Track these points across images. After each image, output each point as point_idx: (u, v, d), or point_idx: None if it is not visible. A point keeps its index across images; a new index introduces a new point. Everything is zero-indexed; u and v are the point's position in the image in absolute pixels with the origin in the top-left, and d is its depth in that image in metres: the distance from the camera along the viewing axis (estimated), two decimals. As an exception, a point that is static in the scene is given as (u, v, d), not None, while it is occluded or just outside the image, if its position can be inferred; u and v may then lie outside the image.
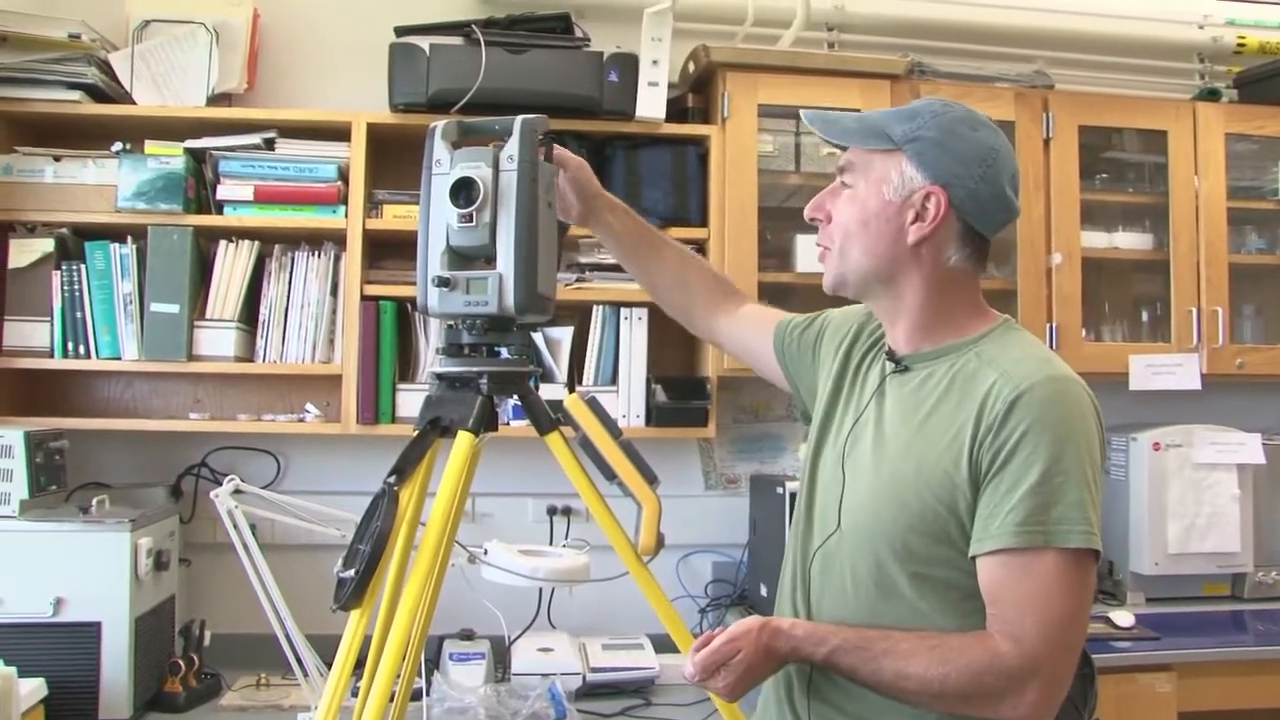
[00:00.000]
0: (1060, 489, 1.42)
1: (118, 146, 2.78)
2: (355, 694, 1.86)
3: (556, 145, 1.86)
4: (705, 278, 2.07)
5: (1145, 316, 3.40)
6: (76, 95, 2.77)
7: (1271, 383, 3.47)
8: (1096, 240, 3.25)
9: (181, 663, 2.59)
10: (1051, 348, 3.07)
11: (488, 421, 1.82)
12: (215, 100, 2.88)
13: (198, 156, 2.85)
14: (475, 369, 1.81)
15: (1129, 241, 3.32)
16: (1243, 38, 3.57)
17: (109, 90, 2.82)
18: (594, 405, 1.81)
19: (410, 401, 2.83)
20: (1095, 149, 3.31)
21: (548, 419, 1.82)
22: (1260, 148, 3.39)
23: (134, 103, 2.81)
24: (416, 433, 1.79)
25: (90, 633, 2.41)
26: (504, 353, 1.84)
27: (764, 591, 2.88)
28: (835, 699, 1.57)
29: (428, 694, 2.53)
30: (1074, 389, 1.49)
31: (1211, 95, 3.44)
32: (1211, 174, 3.24)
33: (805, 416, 1.87)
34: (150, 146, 2.81)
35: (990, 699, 1.43)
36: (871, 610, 1.54)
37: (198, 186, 2.85)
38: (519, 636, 2.90)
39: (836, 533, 1.59)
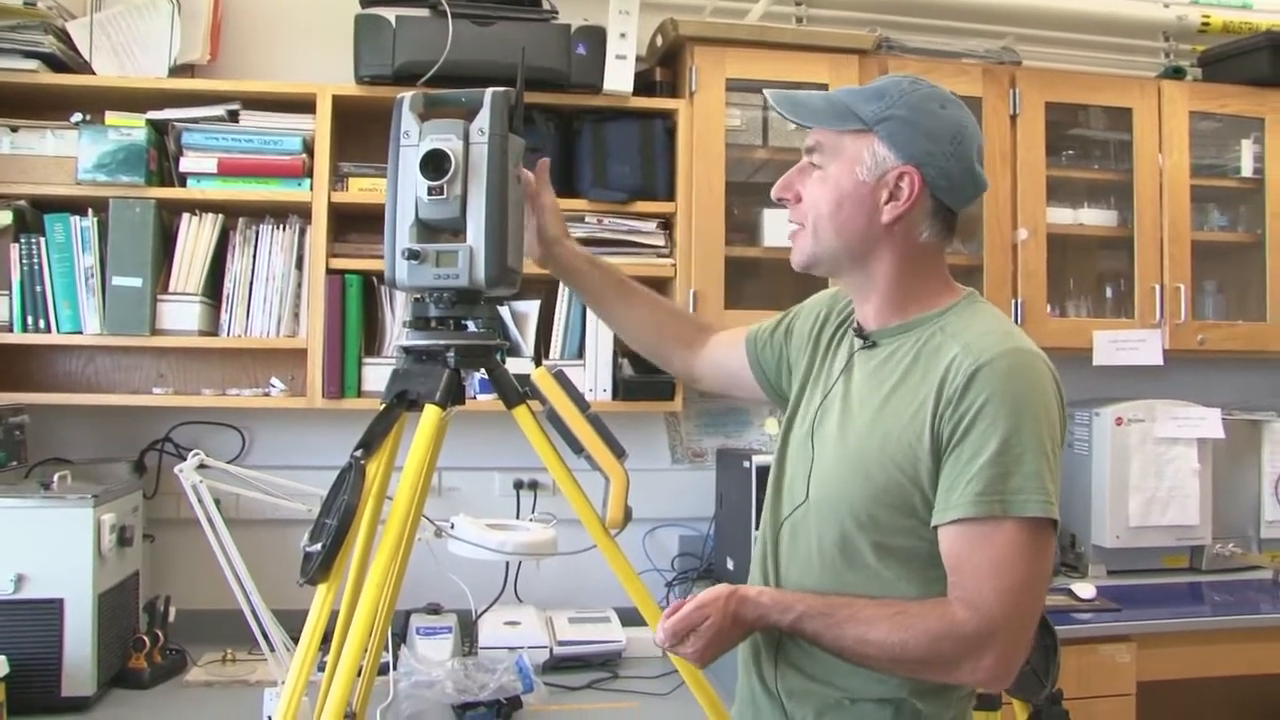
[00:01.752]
0: (1019, 459, 1.44)
1: (77, 117, 2.74)
2: (322, 669, 1.86)
3: (526, 172, 1.87)
4: (676, 319, 2.08)
5: (1109, 292, 3.43)
6: (33, 65, 2.72)
7: (1231, 358, 3.51)
8: (1062, 216, 3.27)
9: (146, 639, 2.57)
10: (1016, 323, 3.06)
11: (455, 395, 1.82)
12: (177, 71, 2.84)
13: (160, 128, 2.81)
14: (443, 342, 1.81)
15: (1094, 218, 3.34)
16: (1207, 17, 3.59)
17: (67, 60, 2.77)
18: (561, 379, 1.81)
19: (376, 375, 2.82)
20: (1061, 126, 3.32)
21: (515, 392, 1.82)
22: (1223, 126, 3.42)
23: (93, 73, 2.77)
24: (383, 406, 1.79)
25: (52, 610, 2.38)
26: (471, 326, 1.84)
27: (730, 565, 2.89)
28: (802, 664, 1.59)
29: (394, 668, 2.53)
30: (1034, 361, 1.50)
31: (1176, 73, 3.46)
32: (1175, 152, 3.26)
33: (780, 401, 1.89)
34: (111, 118, 2.76)
35: (948, 664, 1.46)
36: (837, 579, 1.56)
37: (160, 159, 2.82)
38: (486, 610, 2.90)
39: (804, 504, 1.62)
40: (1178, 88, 3.33)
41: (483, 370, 1.86)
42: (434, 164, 1.77)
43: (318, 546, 1.69)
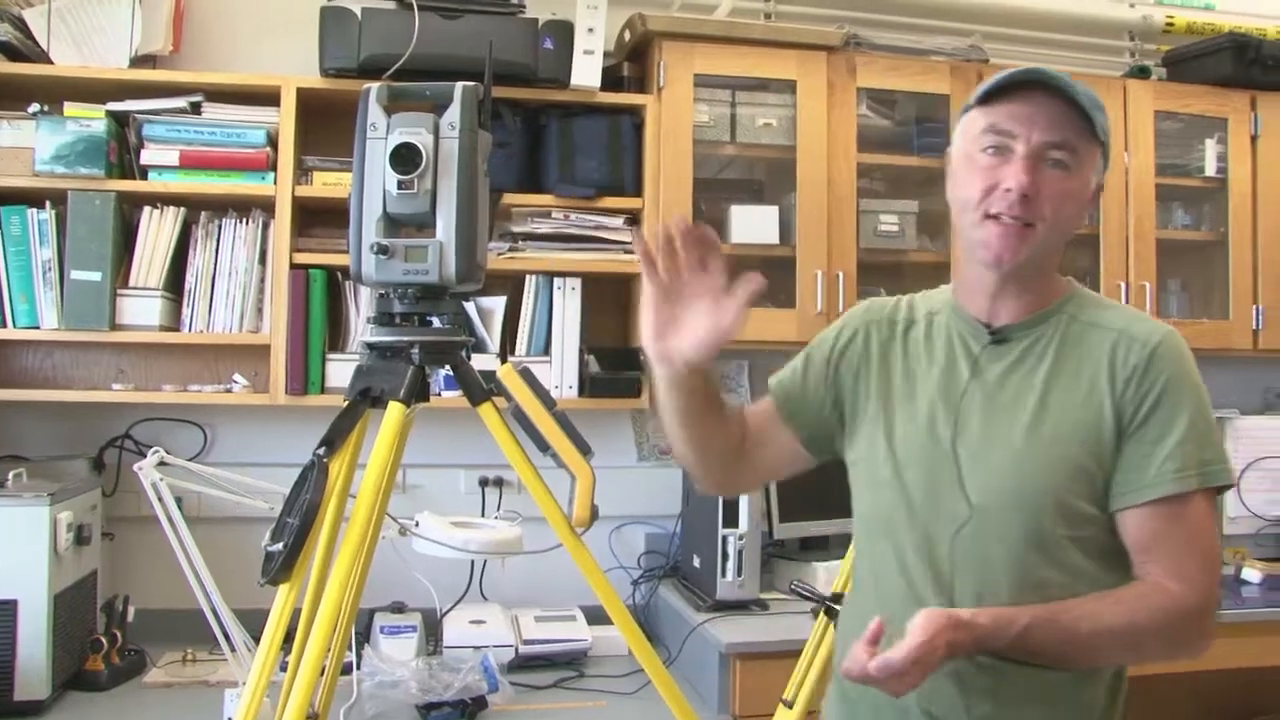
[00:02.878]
0: (1205, 434, 1.50)
1: (34, 108, 2.69)
2: (284, 669, 1.84)
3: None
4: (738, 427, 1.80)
5: (1075, 289, 3.44)
6: (-11, 53, 2.68)
7: (1195, 356, 3.51)
8: (1029, 214, 3.27)
9: (104, 640, 2.53)
10: (983, 321, 3.10)
11: (419, 392, 1.80)
12: (139, 62, 2.79)
13: (120, 120, 2.77)
14: (407, 338, 1.79)
15: (1060, 215, 3.35)
16: (1171, 17, 3.62)
17: (24, 49, 2.72)
18: (527, 376, 1.80)
19: (340, 372, 2.79)
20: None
21: (480, 389, 1.80)
22: (1187, 125, 3.44)
23: (51, 62, 2.72)
24: (347, 403, 1.77)
25: (6, 611, 2.33)
26: (436, 322, 1.82)
27: (696, 563, 2.88)
28: (997, 690, 1.52)
29: (358, 668, 2.50)
30: (1183, 340, 1.57)
31: (1141, 73, 3.47)
32: (1141, 151, 3.28)
33: (828, 453, 1.76)
34: (70, 109, 2.71)
35: (1176, 643, 1.48)
36: (1034, 579, 1.50)
37: (120, 151, 2.77)
38: (451, 609, 2.88)
39: (971, 515, 1.53)
40: (1143, 87, 3.34)
41: (448, 367, 1.84)
42: (405, 158, 1.76)
43: (279, 546, 1.68)
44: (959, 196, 1.58)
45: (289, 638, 1.81)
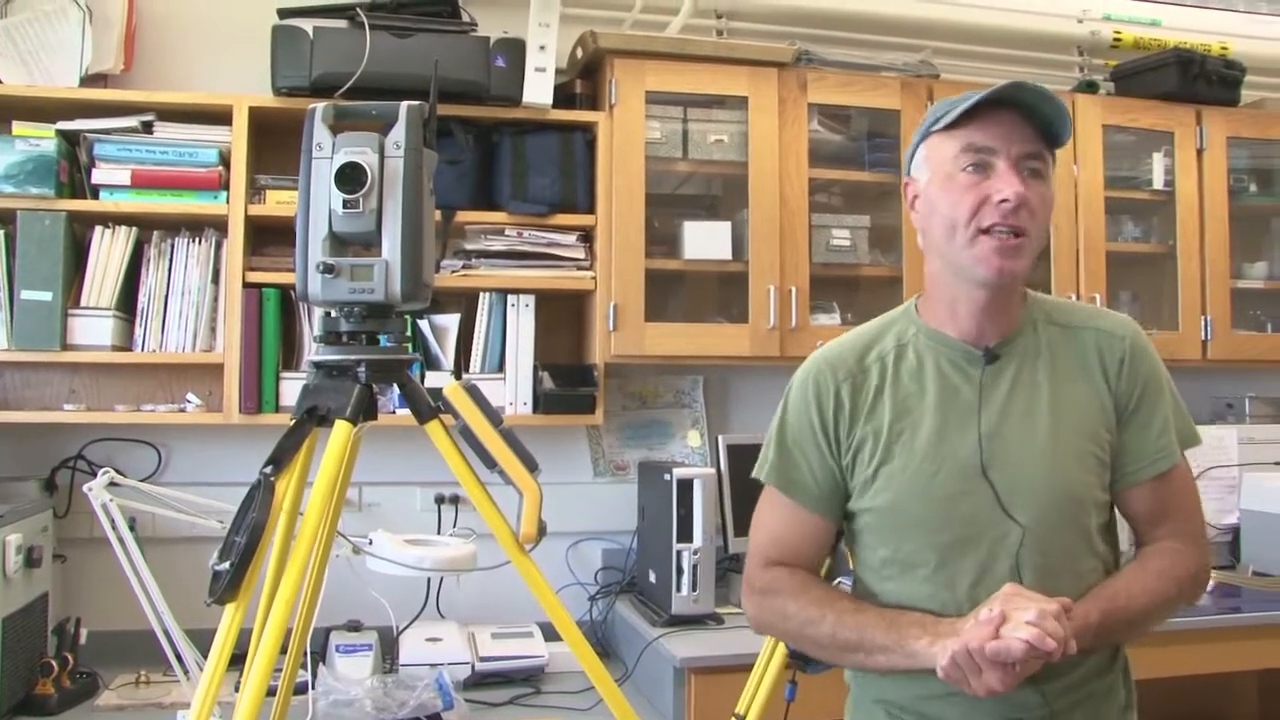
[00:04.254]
0: (1178, 405, 1.67)
1: (-17, 127, 2.68)
2: (239, 689, 1.83)
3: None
4: None
5: (1026, 303, 3.47)
6: (-65, 72, 2.66)
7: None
8: (979, 228, 3.31)
9: (54, 663, 2.50)
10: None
11: (367, 410, 1.81)
12: (90, 81, 2.78)
13: (71, 139, 2.76)
14: (354, 357, 1.80)
15: (1011, 229, 3.38)
16: (1119, 33, 3.68)
17: (-28, 68, 2.71)
18: (474, 393, 1.80)
19: (294, 390, 2.74)
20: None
21: (428, 407, 1.81)
22: (1136, 139, 3.49)
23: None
24: (293, 422, 1.77)
25: (-45, 634, 2.32)
26: (383, 340, 1.83)
27: (652, 578, 2.89)
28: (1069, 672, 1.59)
29: (313, 687, 2.49)
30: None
31: (1090, 87, 3.53)
32: (1090, 164, 3.33)
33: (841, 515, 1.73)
34: (19, 127, 2.69)
35: (1190, 596, 1.65)
36: (1081, 571, 1.59)
37: (71, 170, 2.76)
38: (407, 627, 2.87)
39: (1021, 531, 1.56)
40: (1091, 101, 3.39)
41: (395, 385, 1.84)
42: (350, 177, 1.77)
43: (226, 565, 1.68)
44: (943, 218, 1.58)
45: (241, 658, 1.81)
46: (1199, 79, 3.43)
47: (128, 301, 2.78)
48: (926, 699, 1.60)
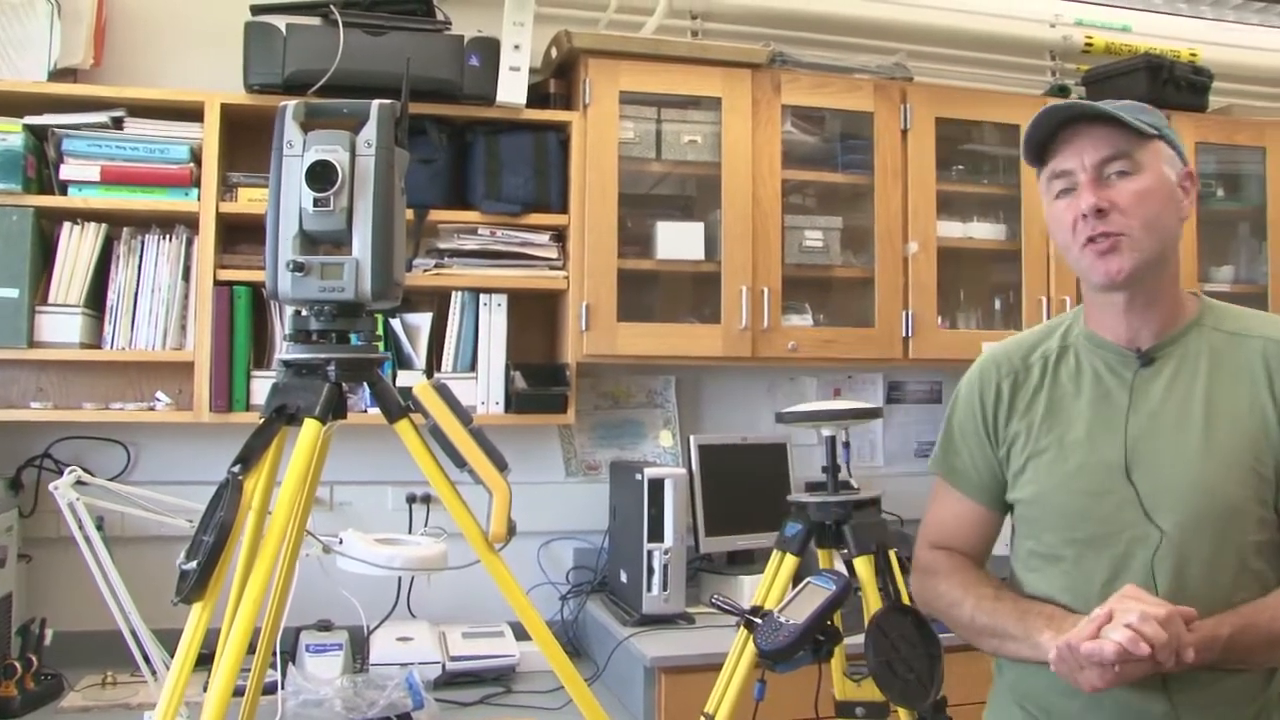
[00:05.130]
0: None
1: (-51, 122, 2.65)
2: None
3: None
4: None
5: (998, 304, 3.50)
6: (-100, 66, 2.63)
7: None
8: (952, 230, 3.33)
9: (18, 664, 2.47)
10: (907, 334, 3.15)
11: (336, 409, 1.80)
12: (58, 75, 2.76)
13: (39, 134, 2.73)
14: (323, 355, 1.79)
15: (983, 232, 3.41)
16: (1090, 37, 3.72)
17: (-62, 62, 2.68)
18: (444, 392, 1.80)
19: (265, 389, 2.72)
20: (952, 141, 3.39)
21: (397, 406, 1.80)
22: (1106, 143, 3.51)
23: (-35, 76, 2.69)
24: (262, 420, 1.76)
25: (-84, 634, 2.30)
26: (354, 339, 1.82)
27: (623, 577, 2.89)
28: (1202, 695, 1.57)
29: (283, 687, 2.48)
30: None
31: (1061, 91, 3.56)
32: (1060, 168, 3.34)
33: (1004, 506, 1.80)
34: (-15, 122, 2.68)
35: None
36: (1224, 588, 1.55)
37: (39, 165, 2.74)
38: (378, 626, 2.86)
39: (1163, 538, 1.57)
40: (1062, 106, 3.41)
41: (365, 384, 1.84)
42: (320, 175, 1.76)
43: (193, 564, 1.66)
44: (1059, 242, 1.68)
45: (210, 658, 1.80)
46: (1168, 84, 3.47)
47: (97, 299, 2.76)
48: (1053, 692, 1.62)
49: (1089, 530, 1.61)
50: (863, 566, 1.92)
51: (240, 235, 2.89)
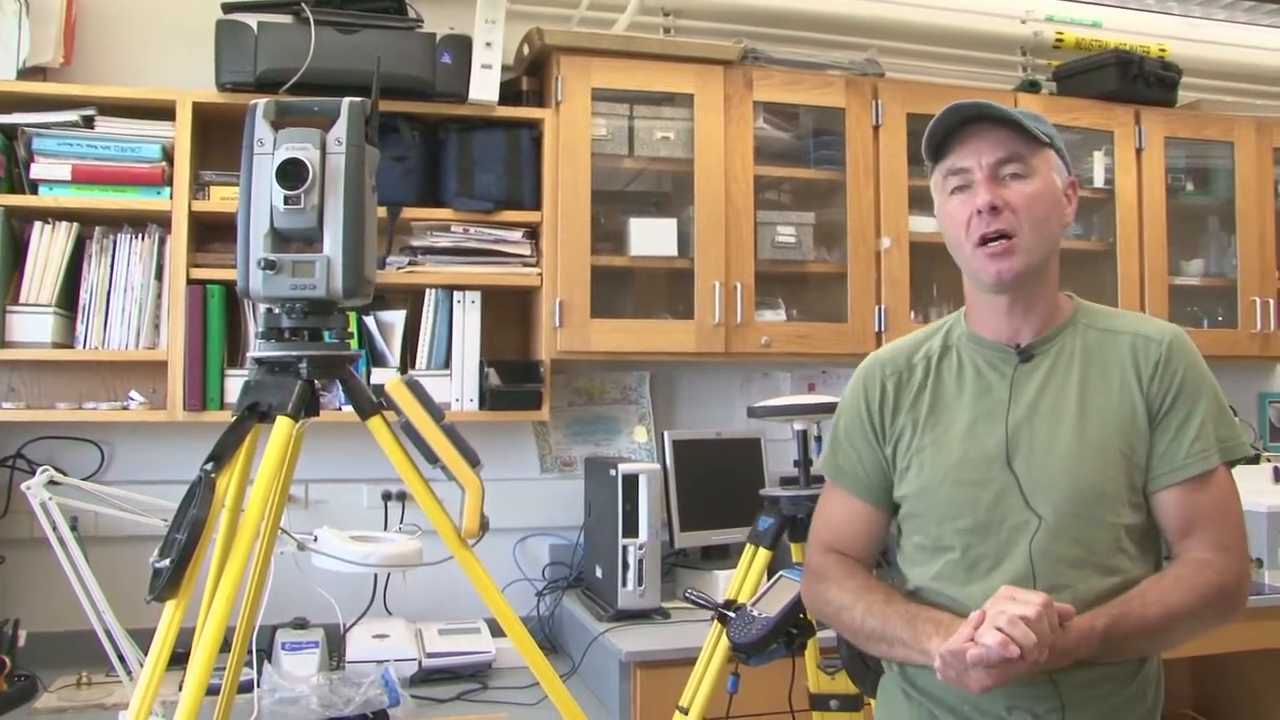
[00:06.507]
0: (1221, 414, 1.64)
1: (-84, 120, 2.64)
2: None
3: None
4: None
5: (970, 299, 3.51)
6: None
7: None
8: (924, 225, 3.33)
9: (-10, 666, 2.48)
10: (880, 329, 3.17)
11: (309, 406, 1.80)
12: (28, 74, 2.75)
13: (9, 133, 2.72)
14: (295, 353, 1.79)
15: (954, 227, 3.42)
16: (1061, 33, 3.73)
17: (-94, 61, 2.67)
18: (415, 388, 1.81)
19: (239, 387, 2.75)
20: (923, 136, 3.39)
21: (369, 403, 1.81)
22: (1079, 138, 3.54)
23: (-67, 74, 2.68)
24: (234, 418, 1.77)
25: (-113, 636, 2.28)
26: (326, 336, 1.83)
27: (598, 573, 2.90)
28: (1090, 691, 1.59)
29: (259, 685, 2.48)
30: (1187, 335, 1.70)
31: (1032, 87, 3.58)
32: (1031, 162, 3.36)
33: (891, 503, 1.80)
34: (-47, 121, 2.67)
35: (1226, 610, 1.59)
36: (1105, 569, 1.59)
37: (9, 165, 2.73)
38: (354, 624, 2.87)
39: (1040, 524, 1.60)
40: (1034, 100, 3.44)
41: (337, 381, 1.84)
42: (291, 173, 1.76)
43: (166, 562, 1.67)
44: (950, 238, 1.70)
45: (186, 657, 1.80)
46: (1138, 80, 3.50)
47: (69, 298, 2.75)
48: (943, 683, 1.60)
49: (974, 519, 1.64)
50: (834, 559, 1.94)
51: (213, 234, 2.88)
